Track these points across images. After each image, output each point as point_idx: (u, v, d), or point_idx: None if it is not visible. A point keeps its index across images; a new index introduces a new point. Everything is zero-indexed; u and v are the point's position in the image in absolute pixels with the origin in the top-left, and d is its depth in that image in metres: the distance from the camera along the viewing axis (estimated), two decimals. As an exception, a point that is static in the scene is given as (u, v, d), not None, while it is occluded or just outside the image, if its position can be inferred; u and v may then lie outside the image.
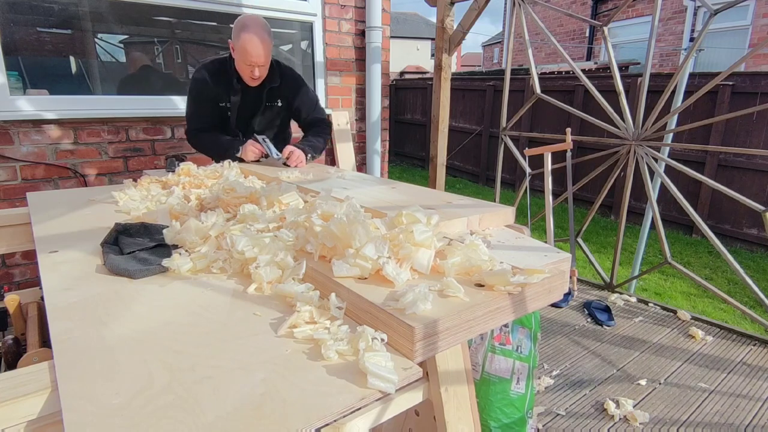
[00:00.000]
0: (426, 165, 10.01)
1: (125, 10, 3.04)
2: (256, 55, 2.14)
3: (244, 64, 2.19)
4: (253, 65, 2.18)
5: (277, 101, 2.44)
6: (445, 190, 2.37)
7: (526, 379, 1.66)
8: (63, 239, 1.33)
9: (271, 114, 2.48)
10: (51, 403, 0.76)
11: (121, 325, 0.88)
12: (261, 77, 2.27)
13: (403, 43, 24.78)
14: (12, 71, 2.65)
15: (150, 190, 1.78)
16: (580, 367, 2.24)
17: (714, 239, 2.56)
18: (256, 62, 2.16)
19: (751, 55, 2.76)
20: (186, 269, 1.11)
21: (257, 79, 2.27)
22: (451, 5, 3.37)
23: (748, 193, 4.86)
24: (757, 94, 4.89)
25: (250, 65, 2.18)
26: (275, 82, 2.36)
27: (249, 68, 2.19)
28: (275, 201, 1.41)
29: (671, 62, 9.42)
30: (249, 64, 2.17)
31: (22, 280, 2.79)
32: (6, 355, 1.47)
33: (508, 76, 3.55)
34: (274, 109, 2.47)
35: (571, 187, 3.19)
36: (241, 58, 2.17)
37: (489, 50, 22.99)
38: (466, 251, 1.03)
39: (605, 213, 6.51)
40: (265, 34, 2.15)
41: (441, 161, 3.66)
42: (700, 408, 1.95)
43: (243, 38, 2.11)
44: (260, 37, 2.12)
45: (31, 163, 2.70)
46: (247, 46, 2.12)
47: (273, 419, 0.65)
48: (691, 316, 2.73)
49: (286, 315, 0.91)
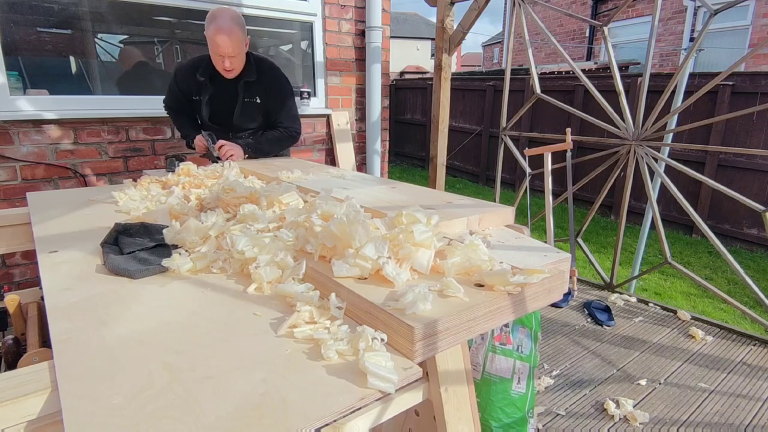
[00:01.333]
0: (426, 165, 10.01)
1: (125, 10, 3.04)
2: (224, 46, 2.20)
3: (216, 55, 2.26)
4: (223, 56, 2.24)
5: (255, 98, 2.47)
6: (445, 190, 2.37)
7: (527, 379, 1.66)
8: (63, 239, 1.33)
9: (250, 110, 2.49)
10: (51, 403, 0.76)
11: (121, 325, 0.88)
12: (234, 69, 2.32)
13: (403, 43, 24.78)
14: (12, 71, 2.66)
15: (150, 190, 1.78)
16: (580, 367, 2.24)
17: (714, 239, 2.56)
18: (225, 52, 2.22)
19: (751, 55, 2.76)
20: (186, 269, 1.11)
21: (230, 71, 2.33)
22: (451, 5, 3.37)
23: (748, 193, 4.86)
24: (757, 94, 4.89)
25: (221, 56, 2.25)
26: (251, 76, 2.40)
27: (220, 59, 2.26)
28: (275, 201, 1.40)
29: (671, 62, 9.42)
30: (219, 55, 2.24)
31: (22, 280, 2.80)
32: (6, 355, 1.47)
33: (508, 76, 3.55)
34: (253, 105, 2.48)
35: (571, 187, 3.19)
36: (212, 48, 2.25)
37: (489, 50, 22.99)
38: (466, 251, 1.03)
39: (605, 213, 6.51)
40: (233, 25, 2.19)
41: (441, 161, 3.66)
42: (700, 408, 1.95)
43: (211, 29, 2.18)
44: (228, 27, 2.18)
45: (31, 163, 2.70)
46: (216, 38, 2.18)
47: (273, 419, 0.65)
48: (691, 316, 2.73)
49: (286, 315, 0.91)
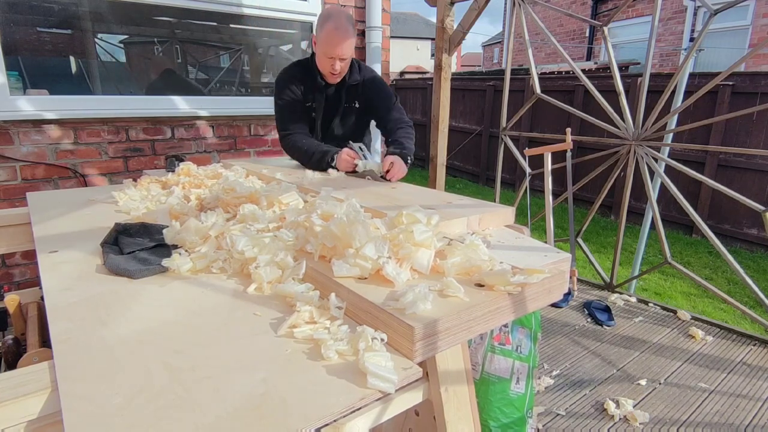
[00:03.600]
0: (426, 165, 10.00)
1: (125, 10, 3.04)
2: (339, 47, 2.05)
3: (326, 57, 2.10)
4: (335, 58, 2.08)
5: (355, 102, 2.31)
6: (445, 190, 2.37)
7: (525, 379, 1.65)
8: (63, 239, 1.33)
9: (350, 116, 2.35)
10: (51, 403, 0.76)
11: (121, 325, 0.88)
12: (342, 73, 2.17)
13: (403, 43, 24.79)
14: (12, 71, 2.65)
15: (150, 190, 1.78)
16: (580, 367, 2.24)
17: (714, 239, 2.56)
18: (339, 54, 2.07)
19: (751, 55, 2.76)
20: (186, 269, 1.11)
21: (338, 75, 2.17)
22: (451, 5, 3.37)
23: (748, 193, 4.85)
24: (757, 94, 4.89)
25: (332, 58, 2.09)
26: (355, 80, 2.25)
27: (330, 61, 2.10)
28: (275, 201, 1.40)
29: (671, 62, 9.42)
30: (331, 57, 2.08)
31: (22, 280, 2.79)
32: (6, 355, 1.47)
33: (508, 76, 3.55)
34: (353, 111, 2.34)
35: (571, 187, 3.19)
36: (323, 50, 2.08)
37: (489, 50, 22.99)
38: (466, 251, 1.03)
39: (605, 213, 6.51)
40: (349, 27, 2.06)
41: (441, 161, 3.66)
42: (700, 408, 1.95)
43: (327, 28, 2.03)
44: (344, 28, 2.04)
45: (31, 163, 2.70)
46: (331, 37, 2.03)
47: (273, 419, 0.65)
48: (691, 316, 2.73)
49: (286, 315, 0.91)
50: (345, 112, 2.31)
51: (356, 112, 2.34)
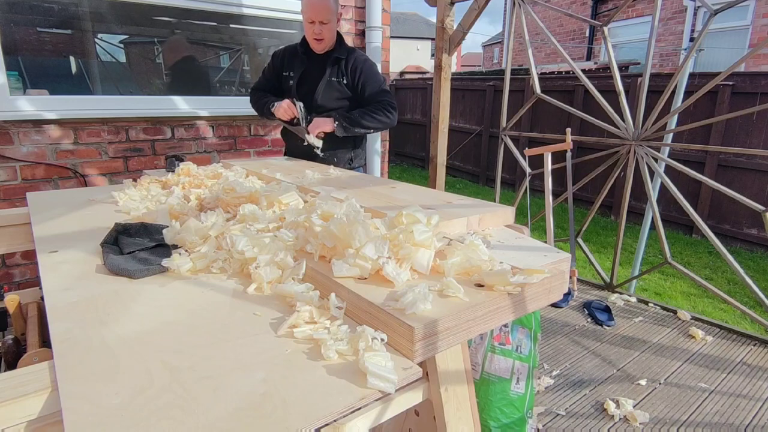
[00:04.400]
0: (426, 165, 10.01)
1: (125, 10, 3.04)
2: (316, 10, 2.18)
3: (308, 23, 2.24)
4: (315, 22, 2.21)
5: (342, 78, 2.40)
6: (445, 190, 2.37)
7: (525, 379, 1.65)
8: (63, 239, 1.33)
9: (334, 90, 2.42)
10: (51, 403, 0.76)
11: (121, 325, 0.88)
12: (325, 40, 2.30)
13: (403, 43, 24.77)
14: (12, 71, 2.66)
15: (150, 190, 1.78)
16: (580, 367, 2.24)
17: (714, 239, 2.56)
18: (317, 17, 2.20)
19: (751, 55, 2.76)
20: (186, 269, 1.11)
21: (321, 41, 2.30)
22: (451, 5, 3.37)
23: (748, 193, 4.86)
24: (757, 94, 4.89)
25: (313, 23, 2.22)
26: (341, 53, 2.38)
27: (312, 26, 2.24)
28: (275, 201, 1.41)
29: (671, 62, 9.42)
30: (311, 22, 2.22)
31: (22, 280, 2.79)
32: (6, 355, 1.46)
33: (508, 76, 3.55)
34: (339, 85, 2.41)
35: (571, 187, 3.19)
36: (306, 16, 2.23)
37: (489, 50, 22.98)
38: (466, 251, 1.03)
39: (605, 213, 6.51)
40: None
41: (441, 161, 3.66)
42: (700, 408, 1.95)
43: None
44: None
45: (31, 163, 2.70)
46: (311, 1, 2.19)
47: (273, 419, 0.65)
48: (691, 316, 2.73)
49: (286, 315, 0.91)
50: (329, 84, 2.40)
51: (341, 89, 2.43)
